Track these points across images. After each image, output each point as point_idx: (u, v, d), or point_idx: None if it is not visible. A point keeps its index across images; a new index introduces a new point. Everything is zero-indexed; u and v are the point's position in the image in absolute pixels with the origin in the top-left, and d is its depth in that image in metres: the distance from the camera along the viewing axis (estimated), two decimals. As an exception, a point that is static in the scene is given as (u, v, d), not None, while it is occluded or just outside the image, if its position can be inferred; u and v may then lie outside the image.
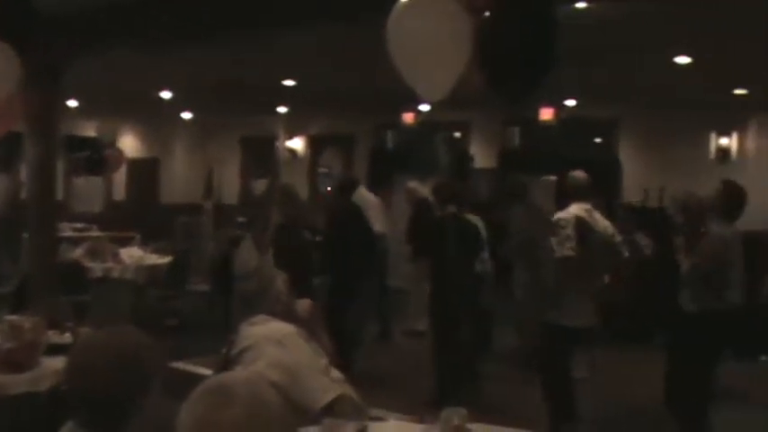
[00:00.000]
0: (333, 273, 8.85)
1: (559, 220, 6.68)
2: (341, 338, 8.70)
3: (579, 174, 7.01)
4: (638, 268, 7.81)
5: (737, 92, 12.09)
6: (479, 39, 4.24)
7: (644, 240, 7.83)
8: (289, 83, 12.81)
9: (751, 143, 13.35)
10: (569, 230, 6.56)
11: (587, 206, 6.84)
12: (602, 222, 6.93)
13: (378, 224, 10.12)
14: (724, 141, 13.34)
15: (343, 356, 8.43)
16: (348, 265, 8.84)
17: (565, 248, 6.53)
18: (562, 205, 6.99)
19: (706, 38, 8.67)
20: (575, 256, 6.50)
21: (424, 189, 11.18)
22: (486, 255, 8.83)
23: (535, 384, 6.87)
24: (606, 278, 7.37)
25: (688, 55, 9.61)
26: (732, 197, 6.57)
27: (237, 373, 2.36)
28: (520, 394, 7.76)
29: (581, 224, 6.63)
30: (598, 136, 14.73)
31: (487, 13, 4.36)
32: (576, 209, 6.74)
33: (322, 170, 17.69)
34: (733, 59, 9.70)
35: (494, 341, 9.69)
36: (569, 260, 6.53)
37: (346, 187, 9.52)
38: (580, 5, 7.34)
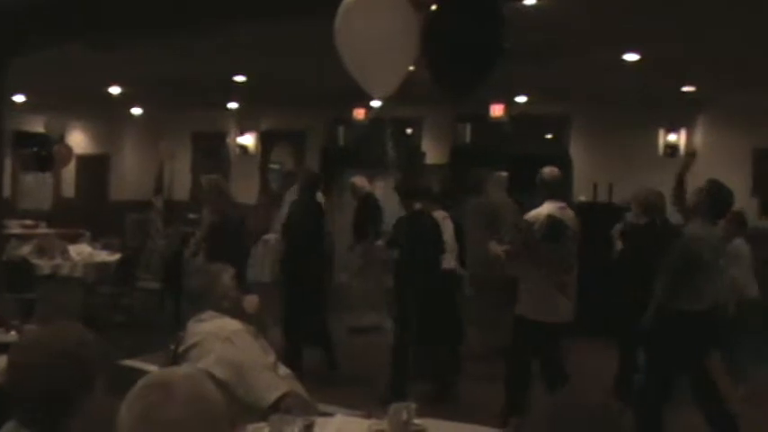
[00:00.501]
0: (293, 271, 8.81)
1: (531, 218, 6.78)
2: (303, 337, 8.76)
3: (551, 170, 7.06)
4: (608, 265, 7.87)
5: (685, 89, 12.23)
6: (424, 33, 4.24)
7: (615, 238, 7.95)
8: (240, 78, 12.75)
9: (699, 139, 13.50)
10: (539, 229, 6.64)
11: (560, 203, 6.93)
12: (574, 220, 7.00)
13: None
14: (672, 137, 13.48)
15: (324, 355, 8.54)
16: (309, 263, 8.78)
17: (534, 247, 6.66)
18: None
19: (654, 35, 8.75)
20: (543, 255, 6.61)
21: (367, 184, 11.22)
22: (456, 252, 8.75)
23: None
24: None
25: (637, 52, 9.70)
26: (717, 197, 6.44)
27: (177, 369, 2.34)
28: (487, 391, 7.81)
29: (553, 221, 6.69)
30: (549, 132, 14.82)
31: (433, 8, 4.36)
32: (548, 207, 6.81)
33: (273, 166, 17.62)
34: (681, 57, 9.81)
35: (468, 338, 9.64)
36: (538, 257, 6.66)
37: (310, 184, 9.28)
38: (530, 2, 7.39)
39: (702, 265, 6.28)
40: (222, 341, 3.76)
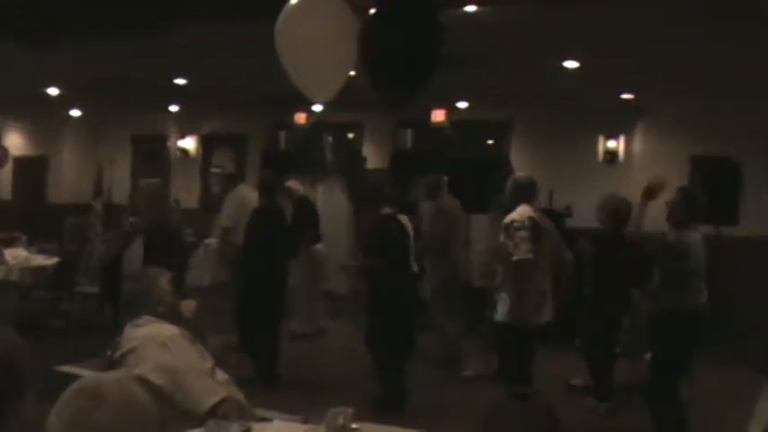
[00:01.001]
0: (252, 277, 8.73)
1: (513, 222, 6.83)
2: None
3: (524, 176, 7.30)
4: (580, 270, 7.98)
5: (624, 96, 12.39)
6: (361, 38, 4.24)
7: (586, 243, 8.06)
8: (180, 81, 12.66)
9: (637, 146, 13.66)
10: (524, 233, 6.73)
11: (534, 207, 7.05)
12: (548, 224, 7.13)
13: None
14: (612, 144, 13.62)
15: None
16: (272, 268, 8.71)
17: (521, 251, 6.70)
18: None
19: (594, 43, 8.85)
20: (532, 259, 6.70)
21: (302, 187, 11.20)
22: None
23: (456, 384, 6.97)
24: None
25: (577, 59, 9.80)
26: (691, 205, 6.66)
27: (108, 375, 2.31)
28: (440, 395, 7.85)
29: (534, 225, 6.80)
30: (490, 138, 14.88)
31: (372, 11, 4.35)
32: (526, 210, 6.90)
33: (214, 170, 17.51)
34: (620, 65, 9.93)
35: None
36: (527, 262, 6.71)
37: (268, 187, 9.15)
38: (470, 9, 7.43)
39: (688, 269, 6.53)
40: (159, 346, 3.73)
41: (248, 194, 10.10)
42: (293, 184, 11.22)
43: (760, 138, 12.20)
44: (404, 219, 8.27)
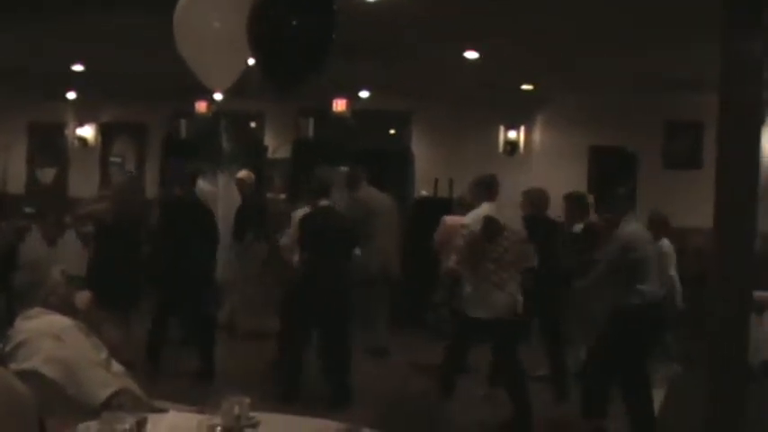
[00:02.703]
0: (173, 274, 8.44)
1: (463, 226, 7.13)
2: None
3: (485, 175, 7.39)
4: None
5: (524, 87, 12.55)
6: (250, 23, 4.19)
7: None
8: (78, 68, 12.42)
9: (537, 137, 13.88)
10: (460, 240, 7.02)
11: (495, 205, 7.15)
12: (510, 220, 7.21)
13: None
14: (512, 135, 13.80)
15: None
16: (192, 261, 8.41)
17: (451, 261, 7.16)
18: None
19: (494, 34, 8.94)
20: (456, 269, 7.09)
21: (254, 178, 11.04)
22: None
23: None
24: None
25: (477, 50, 9.89)
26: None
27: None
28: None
29: (490, 222, 6.91)
30: (391, 128, 14.97)
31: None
32: (486, 209, 7.05)
33: (114, 159, 17.21)
34: (519, 56, 10.05)
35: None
36: (452, 271, 7.28)
37: (184, 179, 8.89)
38: (372, -1, 7.46)
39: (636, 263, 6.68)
40: (51, 338, 3.66)
41: (203, 187, 9.95)
42: (245, 174, 11.01)
43: (654, 129, 12.52)
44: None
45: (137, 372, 4.05)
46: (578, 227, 8.57)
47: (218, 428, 2.91)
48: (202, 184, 9.99)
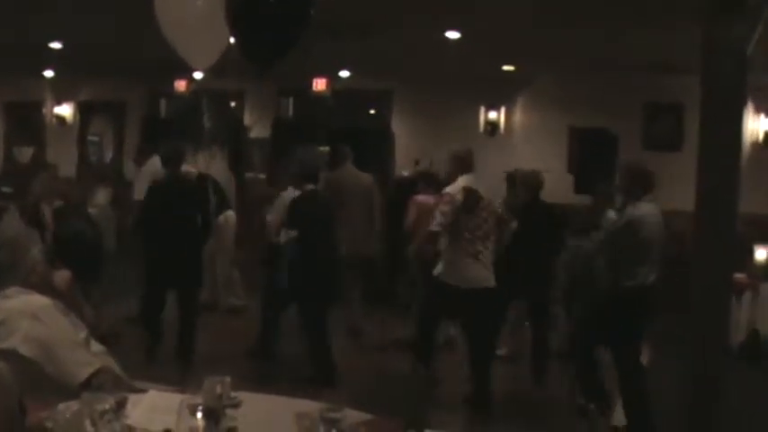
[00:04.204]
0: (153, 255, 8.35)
1: (444, 194, 7.20)
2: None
3: (462, 148, 7.49)
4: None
5: (505, 68, 12.53)
6: (228, 2, 4.15)
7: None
8: (55, 45, 12.30)
9: (517, 118, 13.88)
10: (445, 207, 7.07)
11: (473, 177, 7.27)
12: (487, 192, 7.34)
13: None
14: (492, 115, 13.80)
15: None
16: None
17: (433, 225, 7.17)
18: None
19: (475, 14, 8.91)
20: (440, 232, 7.13)
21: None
22: None
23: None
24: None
25: (458, 30, 9.86)
26: (636, 178, 6.84)
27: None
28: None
29: (469, 193, 7.06)
30: (372, 107, 14.94)
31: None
32: (463, 181, 7.17)
33: (92, 138, 17.10)
34: (501, 36, 10.03)
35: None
36: (430, 235, 7.32)
37: (173, 158, 8.72)
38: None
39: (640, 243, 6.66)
40: (29, 318, 3.62)
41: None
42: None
43: (634, 110, 12.54)
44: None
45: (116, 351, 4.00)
46: None
47: (200, 408, 2.89)
48: (156, 160, 9.98)
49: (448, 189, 7.23)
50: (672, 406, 6.02)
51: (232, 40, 4.69)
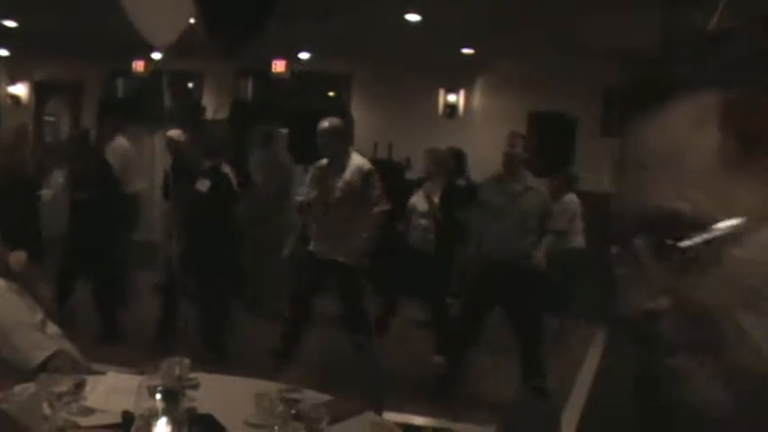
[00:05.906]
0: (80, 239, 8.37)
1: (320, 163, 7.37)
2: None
3: (334, 120, 7.61)
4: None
5: (465, 51, 12.54)
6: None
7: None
8: (10, 23, 12.13)
9: (477, 101, 13.90)
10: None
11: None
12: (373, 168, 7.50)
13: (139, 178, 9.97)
14: (452, 98, 13.82)
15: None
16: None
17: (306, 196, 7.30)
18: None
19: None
20: (303, 201, 7.29)
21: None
22: None
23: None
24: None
25: (418, 13, 9.85)
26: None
27: None
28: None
29: (321, 168, 7.29)
30: (331, 89, 14.89)
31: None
32: (356, 159, 7.42)
33: (48, 118, 16.91)
34: (460, 20, 10.03)
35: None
36: (300, 205, 7.44)
37: (103, 137, 8.69)
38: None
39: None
40: (-17, 300, 3.58)
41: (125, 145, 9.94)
42: (175, 133, 10.82)
43: (592, 95, 12.58)
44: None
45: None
46: None
47: (159, 389, 2.87)
48: (122, 141, 9.93)
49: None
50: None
51: (192, 19, 4.66)
